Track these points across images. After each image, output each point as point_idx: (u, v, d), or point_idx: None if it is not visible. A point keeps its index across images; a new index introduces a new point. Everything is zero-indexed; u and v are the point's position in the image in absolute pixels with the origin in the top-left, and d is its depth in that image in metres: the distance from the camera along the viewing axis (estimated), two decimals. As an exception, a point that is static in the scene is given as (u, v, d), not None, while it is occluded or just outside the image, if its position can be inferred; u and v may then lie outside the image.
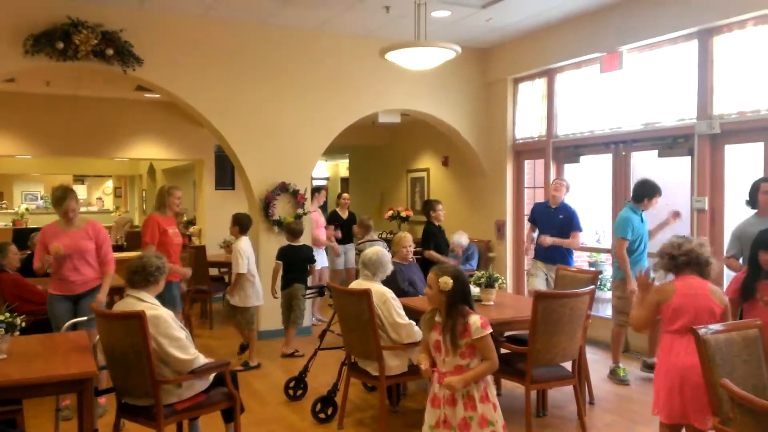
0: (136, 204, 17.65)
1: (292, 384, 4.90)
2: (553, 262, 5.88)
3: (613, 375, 5.35)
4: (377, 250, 4.36)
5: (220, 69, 6.60)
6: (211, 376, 3.56)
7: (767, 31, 4.95)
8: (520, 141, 7.74)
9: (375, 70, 7.12)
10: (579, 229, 6.05)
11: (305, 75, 7.02)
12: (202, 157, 9.96)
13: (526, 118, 7.65)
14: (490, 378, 3.09)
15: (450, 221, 7.00)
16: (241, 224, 5.91)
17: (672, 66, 5.79)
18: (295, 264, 6.16)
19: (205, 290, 7.58)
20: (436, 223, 7.00)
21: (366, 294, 3.97)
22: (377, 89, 7.36)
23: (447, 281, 2.96)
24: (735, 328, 2.95)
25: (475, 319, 2.96)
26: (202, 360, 3.43)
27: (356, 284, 4.33)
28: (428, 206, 6.92)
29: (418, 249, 6.73)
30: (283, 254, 6.18)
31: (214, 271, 8.04)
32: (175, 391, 3.40)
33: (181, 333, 3.42)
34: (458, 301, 2.99)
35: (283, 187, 6.91)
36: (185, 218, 10.53)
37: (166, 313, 3.43)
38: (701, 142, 5.47)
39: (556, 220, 6.04)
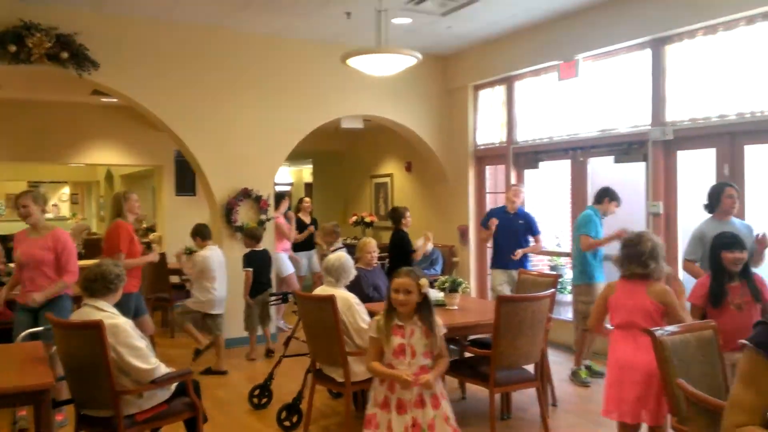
0: (94, 211, 17.22)
1: (256, 392, 4.84)
2: (514, 267, 5.99)
3: (575, 377, 5.45)
4: (340, 255, 4.36)
5: (179, 73, 6.50)
6: (173, 386, 3.50)
7: (716, 41, 5.15)
8: (482, 147, 7.84)
9: (337, 76, 7.12)
10: (539, 232, 6.21)
11: (268, 80, 6.98)
12: (161, 163, 9.79)
13: (487, 124, 7.76)
14: None
15: (414, 226, 7.04)
16: (200, 234, 5.94)
17: (627, 74, 5.96)
18: (264, 269, 6.17)
19: (166, 298, 7.44)
20: (405, 230, 6.99)
21: (330, 300, 3.96)
22: (340, 95, 7.36)
23: (425, 282, 3.01)
24: (690, 330, 3.05)
25: (437, 318, 3.07)
26: (163, 369, 3.37)
27: (320, 290, 4.31)
28: (398, 213, 6.89)
29: (383, 255, 6.75)
30: (252, 260, 6.15)
31: (174, 279, 7.89)
32: (135, 401, 3.32)
33: (140, 342, 3.35)
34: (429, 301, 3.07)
35: (246, 193, 6.84)
36: (144, 225, 10.32)
37: (124, 322, 3.36)
38: (655, 148, 5.64)
39: (516, 226, 6.14)
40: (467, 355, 4.69)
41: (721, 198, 4.33)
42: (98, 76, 6.01)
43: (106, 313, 3.36)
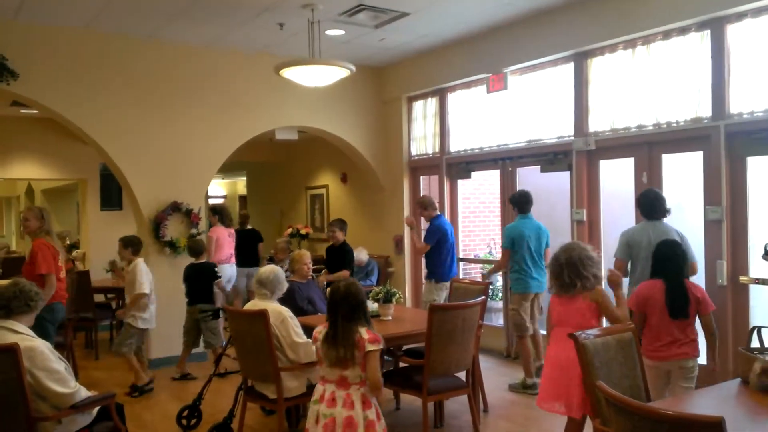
0: (13, 228, 16.33)
1: (185, 413, 4.68)
2: (434, 279, 6.09)
3: (522, 385, 5.47)
4: (272, 268, 4.30)
5: (104, 84, 6.28)
6: (95, 410, 3.35)
7: (635, 55, 5.41)
8: (416, 157, 7.94)
9: (271, 87, 7.06)
10: (428, 241, 6.13)
11: (198, 91, 6.84)
12: (85, 176, 9.40)
13: (421, 135, 7.87)
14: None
15: (349, 237, 7.04)
16: (133, 245, 5.68)
17: (552, 86, 6.18)
18: (200, 282, 6.00)
19: (90, 318, 7.10)
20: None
21: (262, 315, 3.90)
22: (273, 106, 7.29)
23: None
24: (610, 333, 3.17)
25: (362, 330, 3.15)
26: (84, 393, 3.22)
27: (252, 305, 4.23)
28: (344, 225, 6.82)
29: (318, 266, 6.70)
30: (187, 274, 5.99)
31: (99, 298, 7.56)
32: (54, 427, 3.16)
33: (59, 365, 3.20)
34: None
35: (175, 207, 6.66)
36: (68, 242, 9.86)
37: (42, 344, 3.20)
38: (579, 158, 5.86)
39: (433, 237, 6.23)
40: (402, 365, 4.71)
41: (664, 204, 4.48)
42: (18, 86, 5.77)
43: (22, 335, 3.19)
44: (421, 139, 7.86)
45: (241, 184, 14.72)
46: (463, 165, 7.29)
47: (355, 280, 3.38)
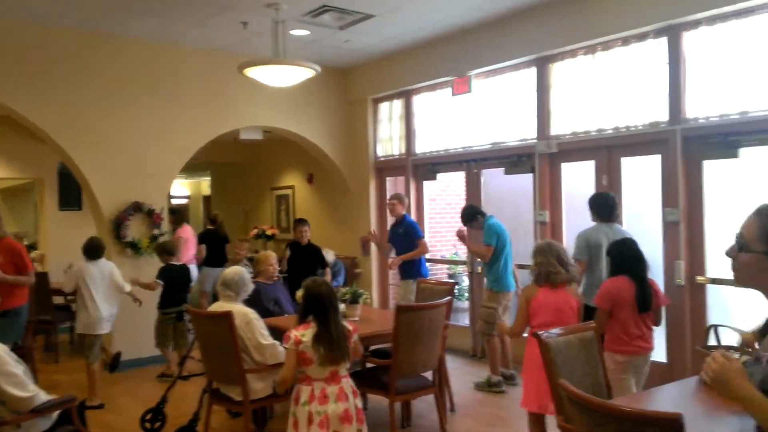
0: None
1: (148, 416, 4.60)
2: (411, 278, 6.10)
3: (487, 384, 5.53)
4: (237, 269, 4.26)
5: (63, 81, 6.13)
6: (55, 414, 3.27)
7: (595, 60, 5.54)
8: (382, 159, 7.96)
9: (235, 86, 6.99)
10: (420, 236, 6.28)
11: (161, 89, 6.73)
12: (43, 176, 9.14)
13: (387, 136, 7.89)
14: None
15: (316, 238, 7.02)
16: (84, 251, 5.51)
17: (515, 90, 6.28)
18: (179, 284, 5.93)
19: (50, 320, 6.92)
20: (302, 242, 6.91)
21: (227, 316, 3.86)
22: (238, 106, 7.22)
23: (298, 294, 3.29)
24: (573, 332, 3.24)
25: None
26: (43, 397, 3.16)
27: (217, 306, 4.19)
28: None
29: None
30: (167, 275, 5.88)
31: (58, 300, 7.36)
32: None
33: (17, 368, 3.13)
34: None
35: (137, 207, 6.53)
36: (26, 242, 9.57)
37: (-1, 348, 3.11)
38: (541, 160, 5.97)
39: (398, 236, 6.28)
40: (369, 365, 4.72)
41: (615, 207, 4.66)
42: (-32, 82, 5.57)
43: (-23, 340, 3.10)
44: (387, 141, 7.89)
45: (205, 184, 14.53)
46: (429, 166, 7.34)
47: (321, 279, 3.42)
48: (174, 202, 11.28)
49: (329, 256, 7.60)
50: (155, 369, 6.16)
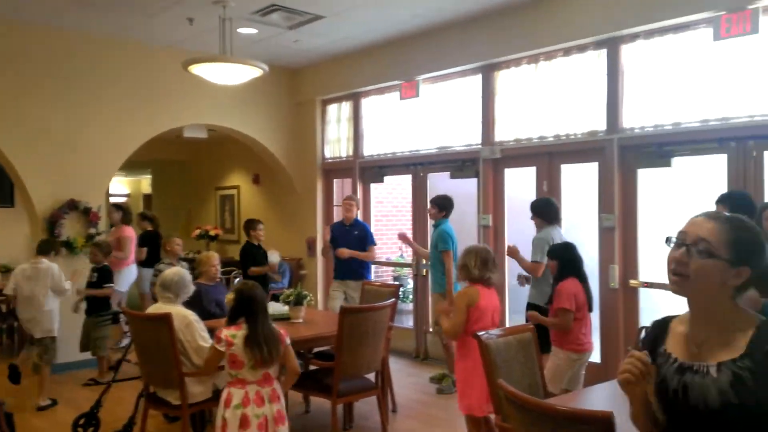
0: None
1: (81, 421, 4.43)
2: (353, 278, 6.09)
3: (442, 383, 5.58)
4: (177, 270, 4.16)
5: (-6, 71, 5.85)
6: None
7: (537, 69, 5.69)
8: (330, 160, 7.94)
9: (180, 83, 6.82)
10: (373, 242, 6.30)
11: (101, 83, 6.51)
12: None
13: (335, 138, 7.88)
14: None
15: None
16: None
17: (461, 96, 6.38)
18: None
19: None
20: (256, 242, 6.80)
21: (166, 318, 3.77)
22: (182, 102, 7.06)
23: (229, 297, 3.32)
24: (512, 333, 3.32)
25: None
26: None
27: (155, 308, 4.08)
28: (249, 225, 6.72)
29: (227, 269, 6.56)
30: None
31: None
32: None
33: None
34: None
35: (72, 205, 6.29)
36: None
37: None
38: (485, 166, 6.08)
39: (353, 237, 6.26)
40: (312, 368, 4.70)
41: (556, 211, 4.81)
42: None
43: None
44: (335, 143, 7.88)
45: (145, 183, 14.11)
46: (376, 169, 7.37)
47: (253, 282, 3.44)
48: (113, 200, 10.90)
49: (274, 256, 7.51)
50: (90, 372, 5.94)
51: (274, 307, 4.85)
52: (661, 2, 4.72)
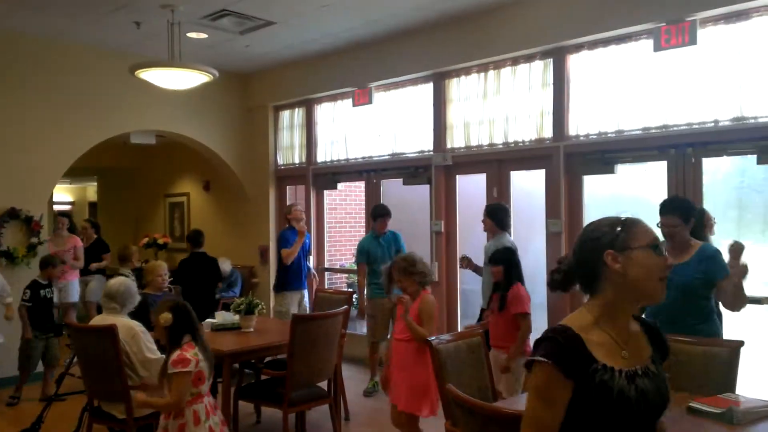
0: None
1: (21, 438, 4.27)
2: (300, 289, 6.10)
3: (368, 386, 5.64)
4: (122, 280, 4.05)
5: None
6: None
7: (487, 78, 5.79)
8: (282, 167, 7.88)
9: (127, 88, 6.65)
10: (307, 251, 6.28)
11: (44, 87, 6.30)
12: None
13: (288, 145, 7.83)
14: None
15: (212, 247, 6.81)
16: None
17: (414, 103, 6.44)
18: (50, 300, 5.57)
19: None
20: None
21: (111, 330, 3.66)
22: (129, 108, 6.90)
23: (167, 317, 3.04)
24: (462, 337, 3.36)
25: (174, 355, 3.03)
26: None
27: (99, 319, 3.96)
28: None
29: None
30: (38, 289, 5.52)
31: None
32: None
33: None
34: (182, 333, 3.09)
35: (13, 213, 6.06)
36: None
37: None
38: (437, 172, 6.15)
39: (305, 245, 6.23)
40: (263, 377, 4.65)
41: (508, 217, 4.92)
42: None
43: None
44: (288, 149, 7.83)
45: (91, 190, 13.71)
46: (330, 176, 7.36)
47: (180, 299, 3.44)
48: (56, 208, 10.56)
49: (225, 265, 7.41)
50: (32, 389, 5.71)
51: (224, 317, 4.77)
52: (604, 14, 4.88)
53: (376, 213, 5.83)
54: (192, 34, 6.11)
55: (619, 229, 1.62)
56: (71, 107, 6.50)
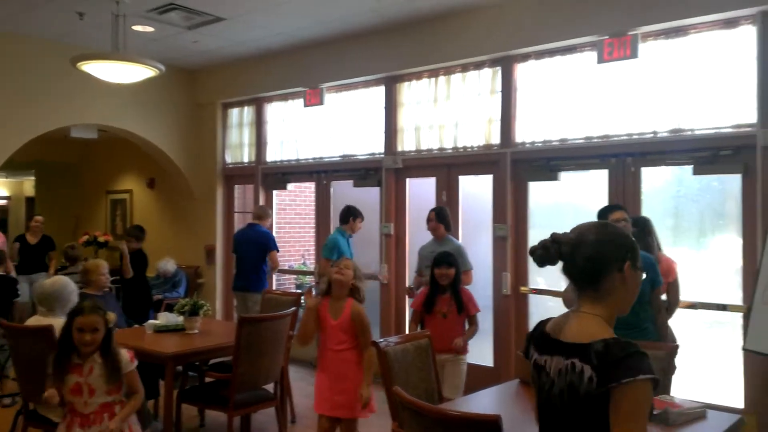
0: None
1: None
2: (250, 290, 6.02)
3: None
4: (59, 279, 3.90)
5: None
6: None
7: (437, 83, 5.86)
8: (231, 166, 7.76)
9: (68, 80, 6.42)
10: (275, 248, 6.18)
11: (-25, 77, 6.01)
12: None
13: (237, 143, 7.71)
14: None
15: (156, 246, 6.64)
16: None
17: (365, 106, 6.45)
18: (6, 297, 5.34)
19: None
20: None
21: (47, 331, 3.52)
22: (70, 101, 6.65)
23: (113, 317, 2.99)
24: (409, 339, 3.39)
25: (123, 353, 2.98)
26: None
27: (35, 320, 3.80)
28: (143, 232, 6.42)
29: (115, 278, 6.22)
30: None
31: None
32: None
33: None
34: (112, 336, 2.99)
35: (-58, 208, 5.76)
36: None
37: None
38: (388, 175, 6.19)
39: (254, 245, 6.16)
40: (207, 380, 4.56)
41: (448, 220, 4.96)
42: None
43: None
44: (237, 148, 7.71)
45: (28, 185, 13.14)
46: (280, 176, 7.29)
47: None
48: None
49: (169, 265, 7.26)
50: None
51: (168, 318, 4.66)
52: (550, 25, 5.02)
53: (357, 213, 5.74)
54: (138, 27, 5.94)
55: (634, 246, 1.70)
56: (7, 99, 6.22)
